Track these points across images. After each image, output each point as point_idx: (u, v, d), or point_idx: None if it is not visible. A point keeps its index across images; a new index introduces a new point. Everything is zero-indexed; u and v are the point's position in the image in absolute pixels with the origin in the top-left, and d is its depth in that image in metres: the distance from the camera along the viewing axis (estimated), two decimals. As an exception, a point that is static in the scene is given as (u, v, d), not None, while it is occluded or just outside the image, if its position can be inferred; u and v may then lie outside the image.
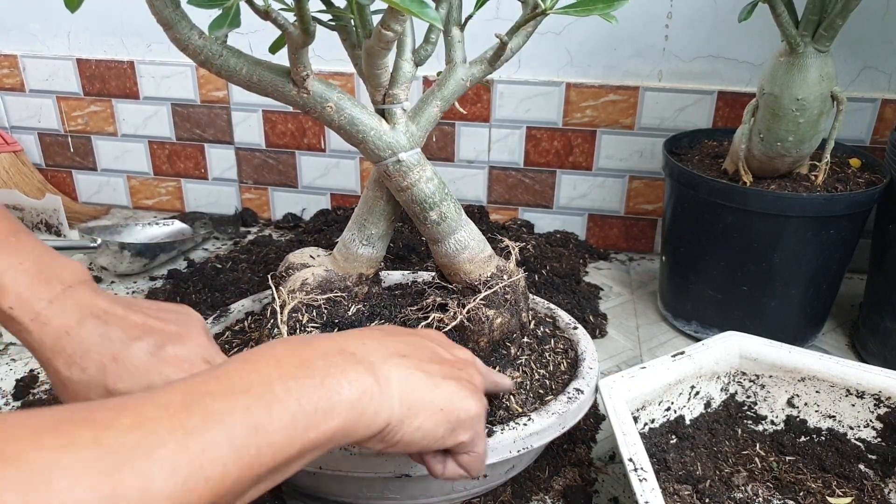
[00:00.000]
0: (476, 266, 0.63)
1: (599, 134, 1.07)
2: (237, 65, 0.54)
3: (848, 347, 0.91)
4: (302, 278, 0.64)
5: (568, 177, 1.11)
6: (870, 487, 0.64)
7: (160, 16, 0.50)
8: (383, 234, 0.66)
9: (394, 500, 0.60)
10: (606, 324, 0.94)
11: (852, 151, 0.92)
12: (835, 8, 0.74)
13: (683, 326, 0.92)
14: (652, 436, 0.66)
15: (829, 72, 0.78)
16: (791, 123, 0.79)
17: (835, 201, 0.78)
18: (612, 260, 1.12)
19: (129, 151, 1.22)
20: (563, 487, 0.66)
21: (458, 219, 0.62)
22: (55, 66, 1.16)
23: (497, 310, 0.62)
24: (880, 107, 0.99)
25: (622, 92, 1.04)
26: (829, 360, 0.68)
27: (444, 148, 1.12)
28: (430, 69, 1.00)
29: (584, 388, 0.63)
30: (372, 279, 0.67)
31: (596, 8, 0.53)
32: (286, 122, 1.15)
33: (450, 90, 0.62)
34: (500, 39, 0.59)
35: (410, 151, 0.59)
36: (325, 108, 0.56)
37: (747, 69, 1.01)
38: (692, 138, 0.97)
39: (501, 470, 0.61)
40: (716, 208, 0.82)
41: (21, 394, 0.77)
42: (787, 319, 0.85)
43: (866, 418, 0.67)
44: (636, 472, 0.53)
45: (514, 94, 1.07)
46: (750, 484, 0.65)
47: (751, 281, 0.83)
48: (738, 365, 0.70)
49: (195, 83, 1.14)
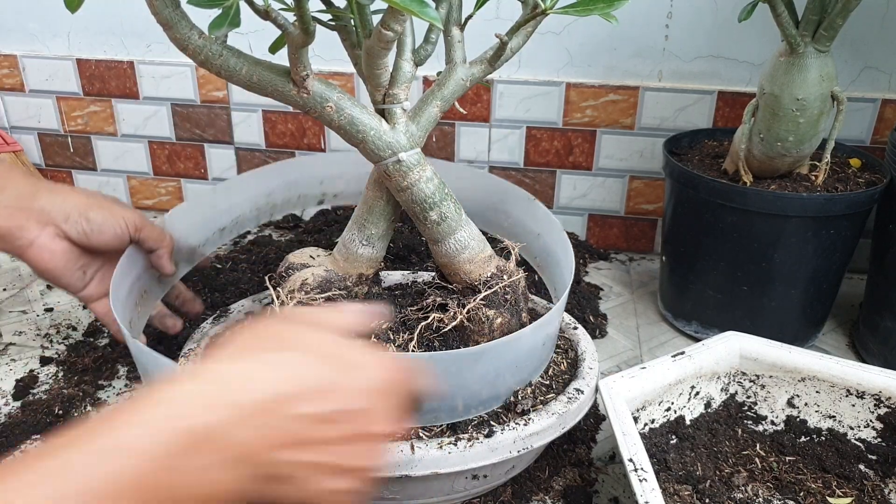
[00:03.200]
0: (476, 266, 0.63)
1: (599, 134, 1.07)
2: (237, 65, 0.54)
3: (848, 347, 0.91)
4: (302, 278, 0.64)
5: (568, 177, 1.11)
6: (870, 488, 0.64)
7: (160, 16, 0.50)
8: (383, 234, 0.66)
9: (394, 499, 0.60)
10: (606, 324, 0.94)
11: (852, 151, 0.92)
12: (835, 8, 0.74)
13: (683, 326, 0.92)
14: (652, 436, 0.66)
15: (830, 72, 0.78)
16: (791, 123, 0.79)
17: (835, 201, 0.78)
18: (612, 260, 1.12)
19: (128, 151, 1.22)
20: (563, 487, 0.66)
21: (458, 219, 0.62)
22: (55, 66, 1.16)
23: (497, 310, 0.62)
24: (880, 107, 0.99)
25: (622, 92, 1.04)
26: (830, 360, 0.68)
27: (444, 148, 1.12)
28: (430, 69, 1.00)
29: (584, 389, 0.63)
30: (372, 279, 0.67)
31: (596, 8, 0.53)
32: (286, 122, 1.15)
33: (450, 90, 0.62)
34: (500, 39, 0.59)
35: (410, 151, 0.59)
36: (325, 108, 0.56)
37: (747, 69, 1.01)
38: (692, 138, 0.97)
39: (501, 470, 0.61)
40: (716, 208, 0.82)
41: (21, 394, 0.77)
42: (787, 319, 0.85)
43: (866, 418, 0.67)
44: (636, 473, 0.53)
45: (514, 94, 1.07)
46: (750, 484, 0.65)
47: (751, 281, 0.83)
48: (738, 365, 0.70)
49: (195, 83, 1.14)
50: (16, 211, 0.66)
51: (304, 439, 0.40)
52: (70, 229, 0.67)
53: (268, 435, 0.38)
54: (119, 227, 0.68)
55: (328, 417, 0.41)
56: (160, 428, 0.36)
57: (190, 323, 0.86)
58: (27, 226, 0.66)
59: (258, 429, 0.38)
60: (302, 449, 0.40)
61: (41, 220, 0.66)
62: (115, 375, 0.81)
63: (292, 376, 0.40)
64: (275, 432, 0.39)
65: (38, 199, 0.67)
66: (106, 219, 0.68)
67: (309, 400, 0.40)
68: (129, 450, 0.34)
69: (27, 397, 0.77)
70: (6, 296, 0.98)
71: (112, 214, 0.69)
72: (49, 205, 0.66)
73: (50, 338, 0.88)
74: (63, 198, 0.67)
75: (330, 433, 0.41)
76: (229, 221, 0.83)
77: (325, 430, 0.40)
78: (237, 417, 0.38)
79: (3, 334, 0.89)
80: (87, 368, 0.81)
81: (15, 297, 0.97)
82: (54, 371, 0.81)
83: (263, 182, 0.85)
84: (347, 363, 0.43)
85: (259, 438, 0.38)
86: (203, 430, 0.36)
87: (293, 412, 0.39)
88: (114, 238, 0.69)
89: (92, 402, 0.76)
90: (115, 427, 0.35)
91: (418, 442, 0.56)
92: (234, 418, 0.37)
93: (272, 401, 0.39)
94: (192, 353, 0.69)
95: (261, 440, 0.38)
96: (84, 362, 0.82)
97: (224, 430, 0.37)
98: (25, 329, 0.90)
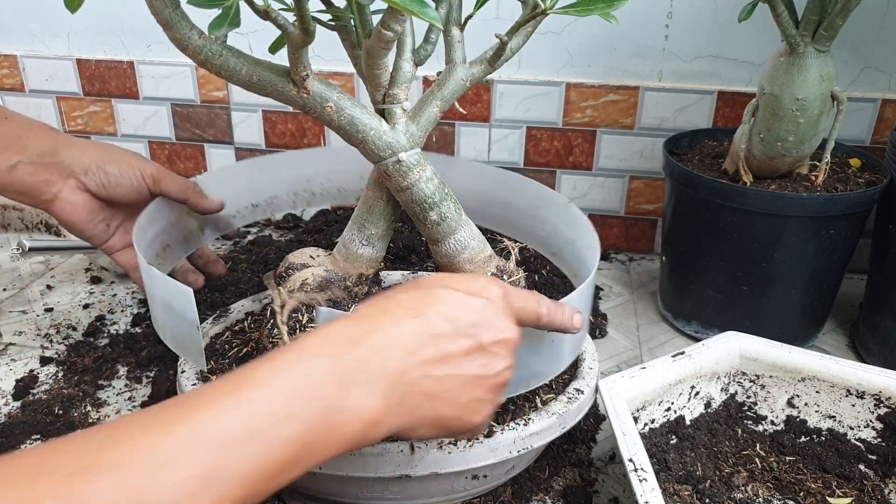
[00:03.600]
0: (476, 266, 0.63)
1: (599, 134, 1.07)
2: (237, 65, 0.54)
3: (848, 347, 0.91)
4: (302, 278, 0.64)
5: (568, 177, 1.11)
6: (870, 488, 0.64)
7: (160, 16, 0.50)
8: (383, 234, 0.66)
9: (394, 500, 0.60)
10: (606, 324, 0.94)
11: (852, 151, 0.92)
12: (835, 8, 0.74)
13: (683, 326, 0.92)
14: (652, 436, 0.66)
15: (830, 72, 0.78)
16: (791, 123, 0.79)
17: (835, 201, 0.78)
18: (612, 260, 1.12)
19: (128, 151, 1.22)
20: (563, 487, 0.66)
21: (459, 219, 0.62)
22: (55, 66, 1.16)
23: (497, 310, 0.62)
24: (880, 107, 0.99)
25: (622, 92, 1.04)
26: (830, 360, 0.68)
27: (444, 148, 1.12)
28: (430, 69, 1.00)
29: (584, 389, 0.63)
30: (372, 279, 0.67)
31: (596, 8, 0.53)
32: (286, 122, 1.15)
33: (450, 90, 0.62)
34: (500, 39, 0.59)
35: (410, 151, 0.59)
36: (325, 108, 0.56)
37: (747, 69, 1.01)
38: (692, 138, 0.97)
39: (501, 470, 0.61)
40: (716, 208, 0.82)
41: (21, 394, 0.77)
42: (787, 319, 0.85)
43: (866, 418, 0.67)
44: (636, 473, 0.53)
45: (514, 94, 1.07)
46: (750, 484, 0.65)
47: (751, 281, 0.83)
48: (738, 365, 0.70)
49: (195, 83, 1.14)
50: (40, 167, 0.68)
51: (448, 354, 0.44)
52: (89, 182, 0.70)
53: (416, 353, 0.43)
54: (135, 179, 0.70)
55: (464, 332, 0.45)
56: (314, 371, 0.40)
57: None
58: (51, 180, 0.69)
59: (407, 352, 0.43)
60: (447, 363, 0.44)
61: (62, 174, 0.69)
62: (115, 375, 0.81)
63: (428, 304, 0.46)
64: (421, 350, 0.43)
65: (59, 153, 0.69)
66: (123, 171, 0.70)
67: (442, 320, 0.45)
68: (293, 394, 0.38)
69: (27, 397, 0.77)
70: (6, 296, 0.98)
71: (129, 167, 0.71)
72: (69, 158, 0.69)
73: (50, 338, 0.88)
74: (82, 151, 0.69)
75: (468, 344, 0.45)
76: (264, 199, 0.81)
77: (463, 343, 0.45)
78: (386, 345, 0.42)
79: (3, 334, 0.89)
80: (87, 368, 0.81)
81: (15, 297, 0.97)
82: (54, 371, 0.81)
83: (305, 164, 0.82)
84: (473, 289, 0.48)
85: (409, 357, 0.43)
86: (355, 362, 0.41)
87: (433, 332, 0.44)
88: (131, 190, 0.71)
89: (92, 402, 0.76)
90: (276, 370, 0.39)
91: (418, 442, 0.56)
92: (384, 345, 0.42)
93: (411, 328, 0.44)
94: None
95: (411, 359, 0.43)
96: (84, 362, 0.82)
97: (375, 357, 0.42)
98: (25, 329, 0.90)
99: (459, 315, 0.45)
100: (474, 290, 0.47)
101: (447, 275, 0.49)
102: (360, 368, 0.41)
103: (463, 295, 0.47)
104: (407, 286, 0.48)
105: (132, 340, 0.86)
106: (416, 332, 0.44)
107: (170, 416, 0.35)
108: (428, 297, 0.46)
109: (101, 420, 0.74)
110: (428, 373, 0.43)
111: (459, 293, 0.46)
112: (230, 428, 0.35)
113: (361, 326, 0.43)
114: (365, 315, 0.44)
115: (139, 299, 0.96)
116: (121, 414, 0.75)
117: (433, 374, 0.44)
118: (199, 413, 0.35)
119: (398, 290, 0.47)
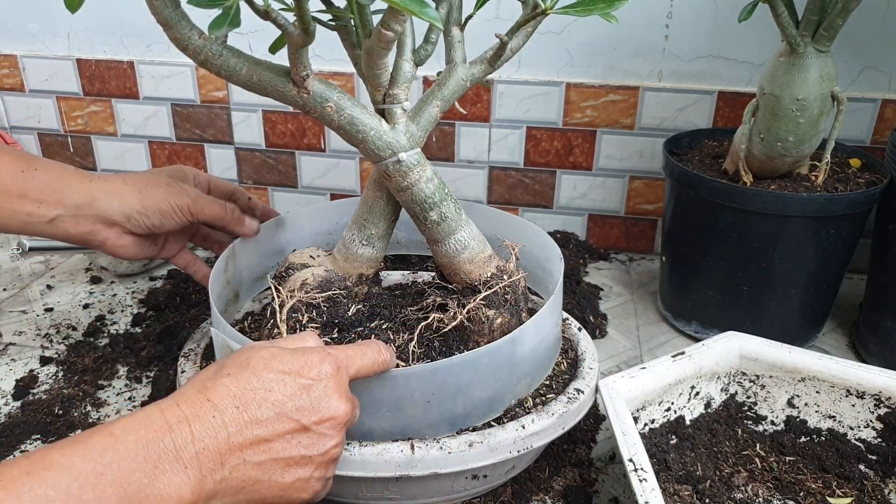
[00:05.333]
0: (476, 266, 0.63)
1: (599, 134, 1.07)
2: (237, 65, 0.54)
3: (848, 347, 0.91)
4: (302, 278, 0.64)
5: (568, 177, 1.11)
6: (870, 488, 0.64)
7: (160, 16, 0.50)
8: (383, 234, 0.66)
9: (394, 500, 0.60)
10: (606, 324, 0.94)
11: (852, 151, 0.92)
12: (835, 8, 0.74)
13: (683, 326, 0.92)
14: (652, 436, 0.66)
15: (830, 72, 0.78)
16: (791, 123, 0.79)
17: (835, 201, 0.78)
18: (612, 260, 1.12)
19: (128, 151, 1.22)
20: (563, 488, 0.66)
21: (459, 219, 0.62)
22: (55, 66, 1.16)
23: (497, 310, 0.62)
24: (880, 107, 0.99)
25: (622, 92, 1.04)
26: (829, 360, 0.68)
27: (444, 148, 1.12)
28: (430, 69, 1.00)
29: (584, 389, 0.63)
30: (372, 279, 0.67)
31: (596, 8, 0.53)
32: (286, 122, 1.15)
33: (450, 90, 0.62)
34: (500, 39, 0.59)
35: (410, 151, 0.59)
36: (325, 108, 0.56)
37: (747, 69, 1.01)
38: (692, 138, 0.97)
39: (501, 470, 0.61)
40: (716, 208, 0.82)
41: (21, 394, 0.77)
42: (787, 319, 0.85)
43: (866, 418, 0.67)
44: (636, 473, 0.53)
45: (514, 94, 1.07)
46: (750, 484, 0.65)
47: (751, 281, 0.83)
48: (738, 365, 0.70)
49: (195, 83, 1.14)
50: (80, 219, 0.70)
51: (267, 439, 0.46)
52: (134, 227, 0.72)
53: (234, 439, 0.44)
54: (177, 217, 0.73)
55: (287, 416, 0.47)
56: (129, 449, 0.40)
57: (189, 324, 0.86)
58: (95, 230, 0.71)
59: (224, 438, 0.44)
60: (267, 449, 0.46)
61: (106, 223, 0.71)
62: (115, 375, 0.81)
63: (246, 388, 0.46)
64: (239, 436, 0.44)
65: (97, 203, 0.70)
66: (164, 212, 0.72)
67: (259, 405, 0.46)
68: (104, 472, 0.39)
69: (27, 397, 0.77)
70: (6, 296, 0.98)
71: (168, 206, 0.72)
72: (109, 209, 0.70)
73: (50, 338, 0.88)
74: (120, 199, 0.70)
75: (290, 427, 0.46)
76: None
77: (285, 426, 0.46)
78: (202, 433, 0.43)
79: (3, 334, 0.89)
80: (87, 368, 0.81)
81: (15, 297, 0.97)
82: (54, 371, 0.81)
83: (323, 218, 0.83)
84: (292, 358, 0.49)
85: (227, 444, 0.44)
86: (168, 447, 0.42)
87: (253, 418, 0.45)
88: (176, 226, 0.73)
89: (92, 402, 0.76)
90: (91, 452, 0.40)
91: (418, 442, 0.56)
92: (200, 433, 0.43)
93: (232, 415, 0.45)
94: (192, 353, 0.69)
95: (229, 445, 0.44)
96: (84, 362, 0.82)
97: (191, 444, 0.42)
98: (25, 329, 0.90)
99: (284, 400, 0.46)
100: (304, 371, 0.48)
101: (277, 351, 0.49)
102: (173, 454, 0.41)
103: (291, 378, 0.47)
104: (235, 363, 0.48)
105: (132, 340, 0.86)
106: (235, 420, 0.44)
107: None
108: (254, 382, 0.46)
109: (101, 420, 0.74)
110: (247, 458, 0.45)
111: (288, 376, 0.47)
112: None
113: (181, 412, 0.43)
114: (186, 400, 0.45)
115: (139, 299, 0.96)
116: (120, 414, 0.75)
117: (253, 459, 0.45)
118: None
119: (225, 366, 0.48)
